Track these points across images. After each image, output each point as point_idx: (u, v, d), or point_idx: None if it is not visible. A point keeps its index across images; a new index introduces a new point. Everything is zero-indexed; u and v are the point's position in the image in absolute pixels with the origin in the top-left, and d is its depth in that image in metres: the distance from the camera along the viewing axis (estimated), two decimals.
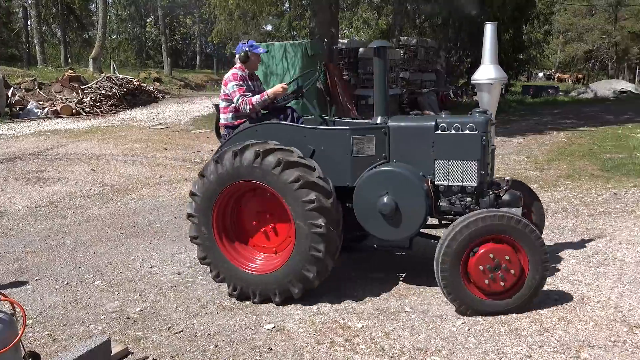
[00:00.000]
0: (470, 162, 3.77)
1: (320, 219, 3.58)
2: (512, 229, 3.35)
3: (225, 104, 4.45)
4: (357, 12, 22.72)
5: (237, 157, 3.74)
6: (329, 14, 14.83)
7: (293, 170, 3.62)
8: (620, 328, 3.10)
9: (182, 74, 31.48)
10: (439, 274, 3.43)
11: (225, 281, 3.95)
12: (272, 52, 14.13)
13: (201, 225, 3.95)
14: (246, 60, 4.47)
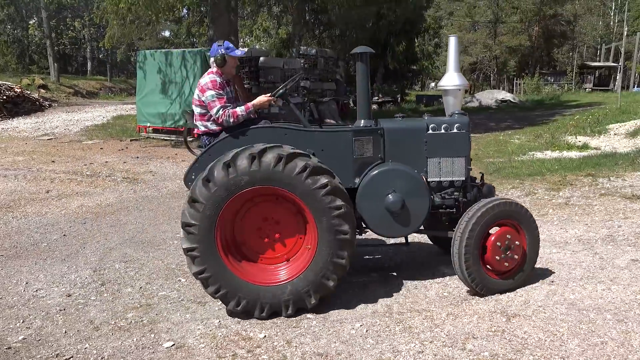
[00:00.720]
0: (459, 158, 4.14)
1: (346, 225, 3.59)
2: (516, 214, 3.86)
3: (202, 111, 4.08)
4: (257, 21, 22.73)
5: (255, 161, 3.53)
6: (228, 22, 14.71)
7: (320, 176, 3.56)
8: (500, 318, 3.40)
9: (72, 80, 29.50)
10: (462, 257, 3.71)
11: (227, 296, 3.61)
12: (170, 60, 13.72)
13: (201, 236, 3.58)
14: (223, 64, 4.11)
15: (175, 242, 5.58)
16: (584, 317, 3.33)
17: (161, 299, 4.09)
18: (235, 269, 3.65)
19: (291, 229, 3.81)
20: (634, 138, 11.50)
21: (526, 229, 3.89)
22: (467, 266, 3.72)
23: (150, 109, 14.11)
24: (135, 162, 10.74)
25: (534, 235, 3.92)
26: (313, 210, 3.59)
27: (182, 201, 7.50)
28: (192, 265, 3.64)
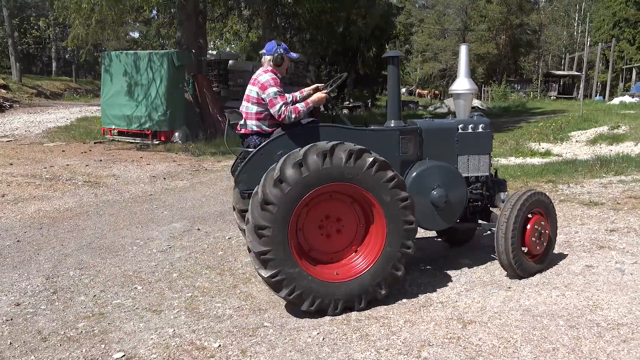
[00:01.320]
0: (484, 155, 4.62)
1: (411, 216, 3.79)
2: (545, 203, 4.38)
3: (259, 109, 4.02)
4: (227, 24, 22.55)
5: (327, 158, 3.57)
6: (196, 24, 14.54)
7: (386, 171, 3.70)
8: (456, 325, 3.41)
9: (35, 80, 28.67)
10: (509, 241, 4.06)
11: (301, 297, 3.58)
12: (137, 62, 13.47)
13: (275, 237, 3.51)
14: (281, 63, 4.15)
15: (134, 248, 5.44)
16: (538, 323, 3.37)
17: (115, 307, 3.96)
18: (308, 268, 3.67)
19: (351, 223, 3.92)
20: (594, 145, 11.84)
21: (550, 217, 4.42)
22: (512, 249, 4.08)
23: (116, 111, 13.82)
24: (98, 165, 10.47)
25: (554, 222, 4.49)
26: (382, 203, 3.72)
27: (145, 206, 7.39)
28: (262, 270, 3.57)
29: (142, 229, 6.22)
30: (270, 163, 3.72)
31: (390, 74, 4.35)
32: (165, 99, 13.27)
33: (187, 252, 5.31)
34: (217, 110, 15.23)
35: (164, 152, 12.47)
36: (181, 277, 4.58)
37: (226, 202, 7.54)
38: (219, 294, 4.17)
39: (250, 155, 3.88)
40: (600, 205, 6.42)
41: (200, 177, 9.69)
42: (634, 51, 41.91)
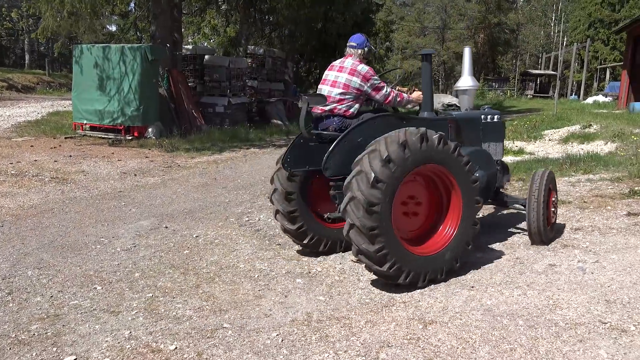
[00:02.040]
0: (500, 142, 5.48)
1: (479, 195, 4.34)
2: (554, 179, 5.22)
3: (343, 96, 4.50)
4: (205, 18, 22.28)
5: (424, 142, 3.95)
6: (171, 18, 14.30)
7: (463, 155, 4.20)
8: (417, 326, 3.39)
9: (6, 74, 27.97)
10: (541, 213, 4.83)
11: (399, 271, 3.90)
12: (109, 55, 13.19)
13: (383, 214, 3.79)
14: (369, 56, 4.74)
15: (98, 247, 5.31)
16: (498, 323, 3.37)
17: (72, 308, 3.85)
18: (403, 244, 3.99)
19: (429, 203, 4.39)
20: (566, 144, 12.00)
21: (555, 191, 5.23)
22: (543, 220, 4.85)
23: (87, 106, 13.52)
24: (68, 161, 10.24)
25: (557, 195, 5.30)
26: (460, 184, 4.19)
27: (113, 203, 7.24)
28: (369, 245, 3.80)
29: (107, 226, 6.08)
30: (353, 148, 4.14)
31: (424, 70, 4.86)
32: (138, 93, 13.02)
33: (152, 250, 5.20)
34: (192, 106, 15.04)
35: (137, 148, 12.26)
36: (143, 276, 4.48)
37: (197, 200, 7.44)
38: (181, 294, 4.09)
39: (337, 142, 4.21)
40: (568, 203, 6.49)
41: (173, 173, 9.54)
42: (608, 51, 42.73)
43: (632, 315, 3.43)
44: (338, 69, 4.61)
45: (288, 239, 5.54)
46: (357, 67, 4.52)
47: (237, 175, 9.42)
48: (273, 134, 15.83)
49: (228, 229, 5.99)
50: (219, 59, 17.02)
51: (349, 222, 3.86)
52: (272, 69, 20.21)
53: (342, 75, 4.53)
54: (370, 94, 4.56)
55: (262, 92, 19.51)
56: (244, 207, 7.01)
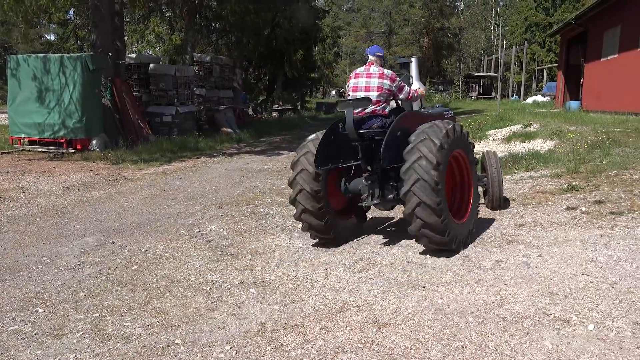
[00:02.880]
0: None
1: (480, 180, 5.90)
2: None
3: (380, 97, 5.21)
4: (149, 26, 21.78)
5: (455, 131, 4.92)
6: (111, 26, 13.88)
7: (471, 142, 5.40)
8: (371, 329, 3.42)
9: None
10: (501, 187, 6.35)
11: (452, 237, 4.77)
12: (47, 66, 12.66)
13: (443, 190, 4.62)
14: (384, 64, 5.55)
15: (39, 267, 5.06)
16: (449, 322, 3.45)
17: (11, 334, 3.64)
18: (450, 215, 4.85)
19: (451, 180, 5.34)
20: (509, 143, 12.46)
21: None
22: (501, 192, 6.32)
23: (25, 119, 12.91)
24: (4, 177, 9.73)
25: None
26: (472, 165, 5.38)
27: (55, 220, 6.92)
28: (436, 218, 4.58)
29: (50, 245, 5.81)
30: (396, 141, 4.86)
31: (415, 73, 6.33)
32: (80, 104, 12.56)
33: (98, 268, 5.00)
34: (138, 116, 14.64)
35: (80, 161, 11.80)
36: (89, 295, 4.30)
37: (145, 213, 7.23)
38: (129, 312, 3.95)
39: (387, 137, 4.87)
40: (512, 200, 6.74)
41: (119, 186, 9.23)
42: (544, 53, 44.86)
43: (574, 305, 3.58)
44: (366, 75, 5.27)
45: (241, 249, 5.48)
46: (383, 71, 5.28)
47: (187, 185, 9.23)
48: (223, 142, 15.63)
49: (178, 241, 5.85)
50: (165, 67, 16.68)
51: (416, 200, 4.56)
52: (220, 77, 19.99)
53: (373, 80, 5.22)
54: (396, 94, 5.37)
55: (211, 100, 19.26)
56: (194, 218, 6.88)
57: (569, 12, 38.37)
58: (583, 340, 3.11)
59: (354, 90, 5.28)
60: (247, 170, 10.74)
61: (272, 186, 8.90)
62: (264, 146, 15.53)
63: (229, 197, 8.09)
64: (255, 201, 7.75)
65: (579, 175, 7.55)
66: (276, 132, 19.58)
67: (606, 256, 4.46)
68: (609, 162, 7.93)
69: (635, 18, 15.13)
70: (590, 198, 6.37)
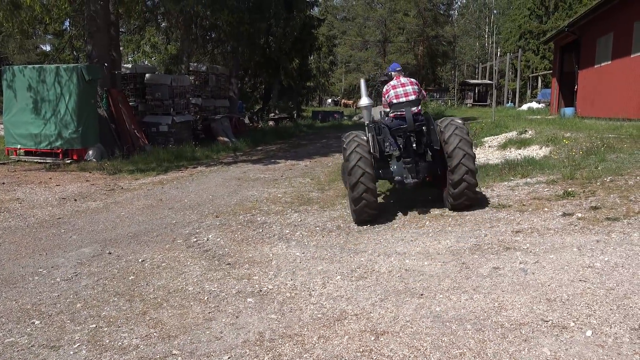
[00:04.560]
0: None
1: None
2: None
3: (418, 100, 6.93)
4: (144, 36, 21.85)
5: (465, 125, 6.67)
6: (107, 37, 13.91)
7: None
8: (369, 337, 3.41)
9: None
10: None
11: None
12: (43, 76, 12.67)
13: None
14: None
15: (36, 278, 5.04)
16: (447, 329, 3.44)
17: (7, 347, 3.62)
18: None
19: None
20: (504, 150, 12.50)
21: None
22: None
23: (21, 130, 12.90)
24: (1, 188, 9.70)
25: None
26: None
27: (51, 230, 6.89)
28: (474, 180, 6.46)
29: (46, 256, 5.79)
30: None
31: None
32: (76, 115, 12.56)
33: (94, 278, 4.99)
34: (134, 126, 14.64)
35: (77, 171, 11.78)
36: (86, 307, 4.29)
37: (142, 222, 7.21)
38: (127, 323, 3.93)
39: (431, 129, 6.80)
40: (508, 207, 6.75)
41: (116, 196, 9.21)
42: (538, 61, 45.15)
43: (571, 312, 3.59)
44: (402, 84, 6.95)
45: (238, 258, 5.47)
46: (410, 79, 7.05)
47: (184, 195, 9.22)
48: (220, 151, 15.63)
49: (175, 251, 5.84)
50: (161, 77, 16.71)
51: (465, 169, 6.26)
52: (216, 86, 20.02)
53: (410, 87, 6.92)
54: (424, 95, 7.21)
55: (207, 109, 19.28)
56: (191, 227, 6.87)
57: (562, 20, 38.70)
58: (581, 347, 3.12)
59: (405, 96, 6.84)
60: (244, 179, 10.74)
61: (269, 195, 8.90)
62: (261, 155, 15.54)
63: (225, 206, 8.09)
64: (252, 210, 7.75)
65: (575, 181, 7.58)
66: (272, 141, 19.61)
67: (603, 262, 4.47)
68: (604, 168, 7.96)
69: (627, 25, 15.28)
70: (586, 204, 6.39)
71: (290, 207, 7.80)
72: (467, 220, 6.33)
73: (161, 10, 18.91)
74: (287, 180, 10.36)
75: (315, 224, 6.77)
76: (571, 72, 21.63)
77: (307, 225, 6.70)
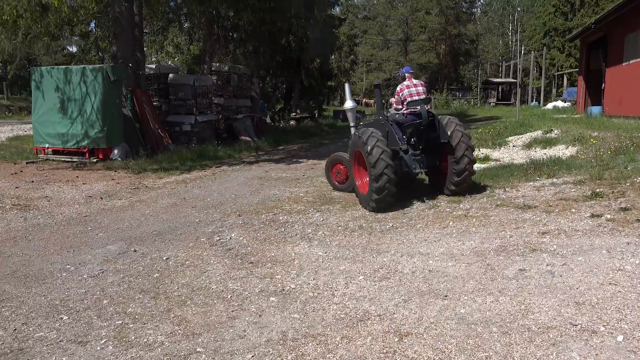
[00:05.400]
0: None
1: None
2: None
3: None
4: (167, 37, 22.12)
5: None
6: (132, 37, 14.12)
7: None
8: (393, 339, 3.39)
9: None
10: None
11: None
12: (69, 77, 12.92)
13: None
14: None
15: (64, 275, 5.13)
16: (472, 332, 3.40)
17: (37, 341, 3.70)
18: None
19: None
20: (529, 149, 12.30)
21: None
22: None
23: (49, 129, 13.18)
24: (30, 186, 9.92)
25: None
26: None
27: (78, 228, 7.02)
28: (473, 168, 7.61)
29: (73, 253, 5.90)
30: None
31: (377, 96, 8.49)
32: (101, 115, 12.78)
33: (120, 275, 5.06)
34: (158, 125, 14.83)
35: (102, 170, 11.99)
36: (112, 303, 4.35)
37: (166, 221, 7.30)
38: (152, 320, 3.98)
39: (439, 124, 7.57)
40: (534, 208, 6.64)
41: (140, 195, 9.34)
42: (564, 58, 44.31)
43: (601, 316, 3.51)
44: (415, 84, 7.70)
45: (261, 257, 5.50)
46: (421, 82, 7.92)
47: (207, 194, 9.30)
48: (242, 151, 15.73)
49: (199, 249, 5.89)
50: (184, 77, 16.89)
51: (467, 160, 7.33)
52: (238, 86, 20.16)
53: (421, 87, 7.74)
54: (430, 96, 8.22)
55: (229, 109, 19.43)
56: (214, 226, 6.92)
57: (588, 17, 37.92)
58: (612, 352, 3.04)
59: (418, 95, 7.62)
60: (266, 179, 10.78)
61: (291, 194, 8.92)
62: (282, 154, 15.59)
63: (248, 206, 8.13)
64: (274, 209, 7.77)
65: (603, 181, 7.42)
66: (294, 140, 19.66)
67: (634, 265, 4.36)
68: (634, 168, 7.77)
69: None
70: (616, 205, 6.24)
71: (312, 207, 7.80)
72: (492, 221, 6.24)
73: (184, 11, 19.13)
74: (308, 180, 10.37)
75: (338, 223, 6.75)
76: (598, 70, 21.16)
77: (329, 225, 6.69)
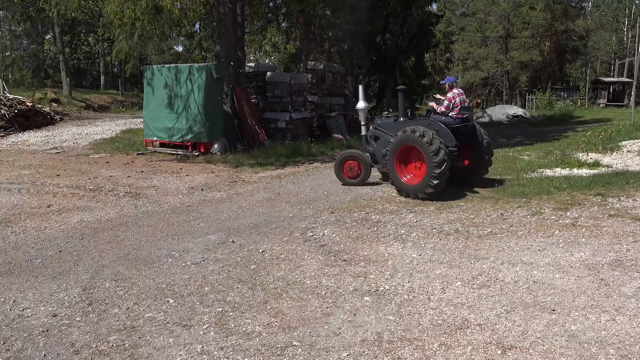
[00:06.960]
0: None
1: None
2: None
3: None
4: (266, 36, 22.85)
5: None
6: (234, 37, 14.73)
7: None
8: (495, 351, 3.22)
9: (84, 94, 29.80)
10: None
11: None
12: (177, 75, 13.76)
13: None
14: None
15: (169, 260, 5.47)
16: (585, 352, 3.14)
17: (147, 321, 3.97)
18: None
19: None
20: None
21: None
22: None
23: (157, 124, 14.14)
24: (140, 176, 10.71)
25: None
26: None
27: (182, 217, 7.47)
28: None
29: (178, 240, 6.27)
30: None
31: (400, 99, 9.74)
32: (204, 111, 13.49)
33: (220, 265, 5.29)
34: (255, 122, 15.36)
35: (203, 163, 12.65)
36: (213, 290, 4.56)
37: (262, 214, 7.53)
38: (250, 310, 4.12)
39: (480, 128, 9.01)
40: None
41: (238, 188, 9.74)
42: None
43: None
44: (460, 93, 8.65)
45: (354, 255, 5.49)
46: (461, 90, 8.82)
47: (300, 189, 9.47)
48: (334, 148, 15.85)
49: (293, 244, 6.01)
50: (281, 75, 17.34)
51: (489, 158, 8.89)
52: (332, 84, 20.35)
53: (464, 96, 8.72)
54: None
55: (323, 106, 19.67)
56: (307, 222, 7.02)
57: None
58: None
59: (463, 103, 8.65)
60: None
61: (383, 193, 8.84)
62: None
63: (340, 203, 8.17)
64: (366, 208, 7.74)
65: None
66: None
67: None
68: None
69: None
70: None
71: (405, 207, 7.67)
72: (605, 232, 5.75)
73: (283, 11, 19.64)
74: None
75: (432, 225, 6.58)
76: None
77: (423, 227, 6.53)
